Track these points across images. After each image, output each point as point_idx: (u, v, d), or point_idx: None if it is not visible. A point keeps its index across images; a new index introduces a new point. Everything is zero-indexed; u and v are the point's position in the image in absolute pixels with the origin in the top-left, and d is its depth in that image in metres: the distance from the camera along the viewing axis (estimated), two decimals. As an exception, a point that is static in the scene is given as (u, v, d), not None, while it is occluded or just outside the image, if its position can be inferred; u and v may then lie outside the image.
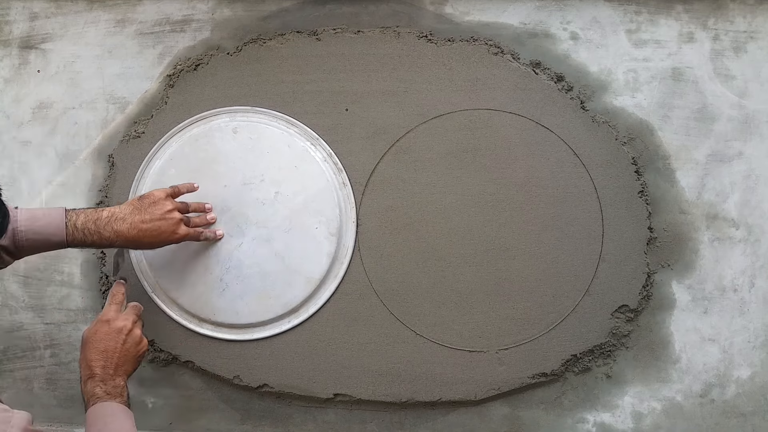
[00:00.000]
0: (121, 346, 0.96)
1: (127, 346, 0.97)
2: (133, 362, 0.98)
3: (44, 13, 1.27)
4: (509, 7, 1.18)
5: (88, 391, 0.93)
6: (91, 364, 0.94)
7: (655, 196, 1.14)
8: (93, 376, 0.93)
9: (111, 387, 0.93)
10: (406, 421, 1.15)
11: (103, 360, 0.94)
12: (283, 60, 1.19)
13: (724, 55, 1.15)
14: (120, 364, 0.95)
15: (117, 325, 0.98)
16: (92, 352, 0.95)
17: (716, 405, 1.12)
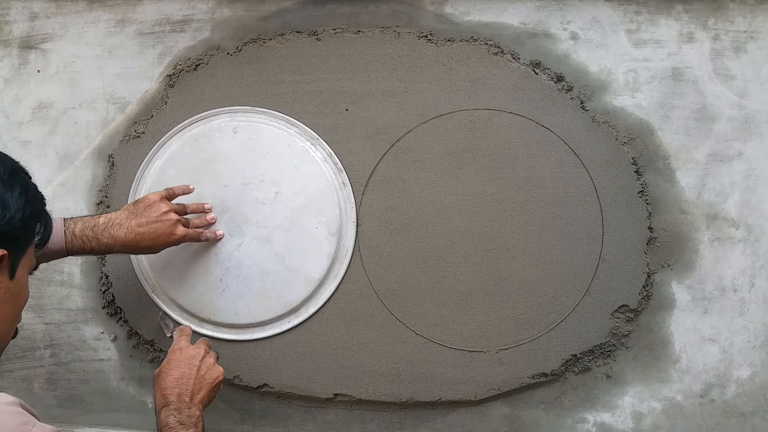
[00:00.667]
0: (196, 372, 0.93)
1: (202, 372, 0.93)
2: (209, 391, 0.94)
3: (44, 13, 1.27)
4: (509, 7, 1.18)
5: (161, 421, 0.88)
6: (165, 392, 0.90)
7: (655, 196, 1.14)
8: (167, 404, 0.89)
9: (185, 416, 0.88)
10: (406, 421, 1.15)
11: (179, 387, 0.91)
12: (283, 60, 1.19)
13: (724, 55, 1.15)
14: (195, 392, 0.91)
15: (190, 352, 0.95)
16: (167, 380, 0.91)
17: (716, 405, 1.12)
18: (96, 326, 1.22)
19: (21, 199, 0.71)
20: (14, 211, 0.69)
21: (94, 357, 1.22)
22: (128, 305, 1.19)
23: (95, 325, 1.22)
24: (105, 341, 1.22)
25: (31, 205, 0.73)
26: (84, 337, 1.22)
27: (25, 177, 0.74)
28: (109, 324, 1.22)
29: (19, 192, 0.71)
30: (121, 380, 1.21)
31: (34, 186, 0.76)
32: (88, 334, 1.22)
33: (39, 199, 0.76)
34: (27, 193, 0.72)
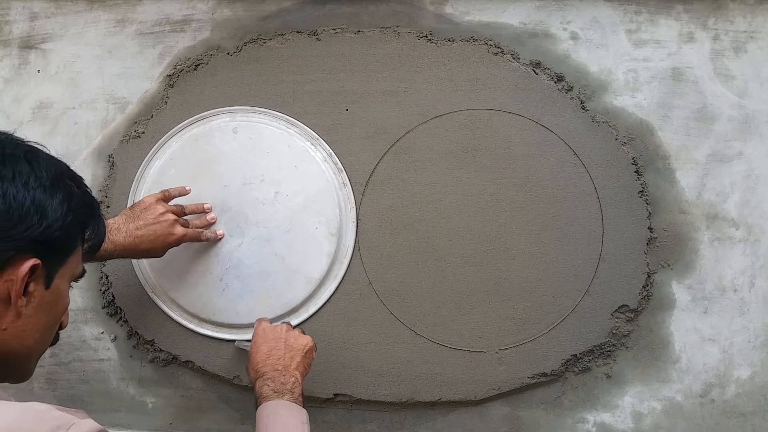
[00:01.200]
0: (284, 343, 0.97)
1: (290, 342, 0.97)
2: (302, 357, 0.97)
3: (44, 13, 1.27)
4: (509, 7, 1.18)
5: (257, 392, 0.92)
6: (257, 367, 0.94)
7: (655, 196, 1.14)
8: (261, 375, 0.93)
9: (279, 384, 0.92)
10: (406, 421, 1.15)
11: (270, 359, 0.95)
12: (283, 60, 1.19)
13: (724, 55, 1.15)
14: (288, 360, 0.95)
15: (274, 328, 0.99)
16: (257, 356, 0.96)
17: (716, 405, 1.12)
18: (96, 326, 1.22)
19: (62, 207, 0.67)
20: (52, 219, 0.66)
21: (94, 357, 1.22)
22: (128, 305, 1.19)
23: (95, 325, 1.22)
24: (105, 341, 1.22)
25: (74, 213, 0.69)
26: (84, 337, 1.22)
27: (70, 183, 0.71)
28: (109, 324, 1.22)
29: (61, 199, 0.67)
30: (121, 380, 1.21)
31: (81, 193, 0.72)
32: (88, 334, 1.22)
33: (86, 206, 0.72)
34: (70, 201, 0.69)
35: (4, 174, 0.64)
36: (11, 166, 0.65)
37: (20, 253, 0.64)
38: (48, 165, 0.69)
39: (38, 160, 0.68)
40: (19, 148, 0.68)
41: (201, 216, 1.14)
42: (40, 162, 0.68)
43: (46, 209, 0.66)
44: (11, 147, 0.67)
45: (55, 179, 0.68)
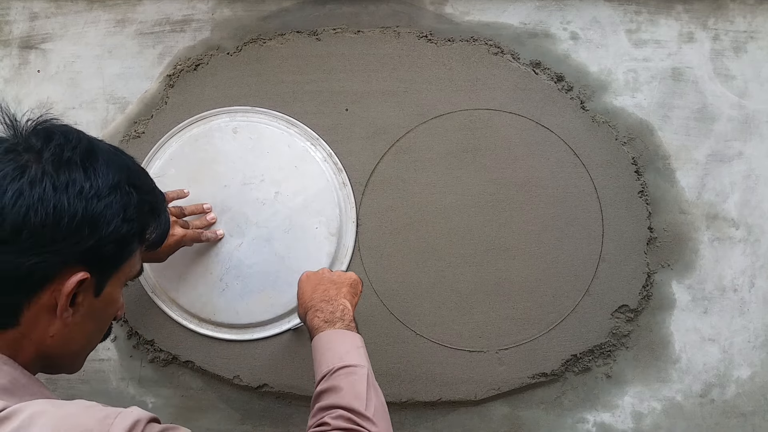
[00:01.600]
0: (328, 279, 0.94)
1: (334, 277, 0.95)
2: (349, 287, 0.94)
3: (44, 13, 1.27)
4: (509, 7, 1.18)
5: (309, 326, 0.89)
6: (305, 302, 0.92)
7: (655, 196, 1.14)
8: (310, 307, 0.90)
9: (328, 314, 0.88)
10: (406, 421, 1.15)
11: (316, 293, 0.92)
12: (283, 60, 1.19)
13: (724, 55, 1.15)
14: (335, 291, 0.92)
15: (315, 273, 0.97)
16: (304, 295, 0.93)
17: (716, 405, 1.12)
18: (96, 326, 1.22)
19: (117, 217, 0.64)
20: (105, 232, 0.63)
21: (94, 357, 1.22)
22: (128, 305, 1.19)
23: (95, 325, 1.22)
24: (105, 341, 1.22)
25: (131, 222, 0.66)
26: (84, 337, 1.22)
27: (130, 190, 0.66)
28: (109, 324, 1.22)
29: (116, 210, 0.64)
30: (121, 380, 1.21)
31: (140, 198, 0.68)
32: (88, 334, 1.22)
33: (147, 210, 0.69)
34: (126, 210, 0.65)
35: (58, 183, 0.61)
36: (66, 173, 0.62)
37: (68, 265, 0.62)
38: (106, 170, 0.65)
39: (96, 165, 0.64)
40: (76, 151, 0.64)
41: (201, 216, 1.14)
42: (97, 167, 0.64)
43: (98, 222, 0.63)
44: (69, 149, 0.63)
45: (113, 187, 0.65)
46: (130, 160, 0.71)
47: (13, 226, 0.59)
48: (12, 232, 0.59)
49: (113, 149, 0.69)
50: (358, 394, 0.75)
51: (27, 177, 0.61)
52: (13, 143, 0.63)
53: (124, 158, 0.69)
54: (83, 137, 0.66)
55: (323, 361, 0.82)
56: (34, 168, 0.61)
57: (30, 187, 0.60)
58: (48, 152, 0.63)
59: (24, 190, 0.60)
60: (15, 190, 0.60)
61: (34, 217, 0.59)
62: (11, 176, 0.60)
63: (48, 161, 0.62)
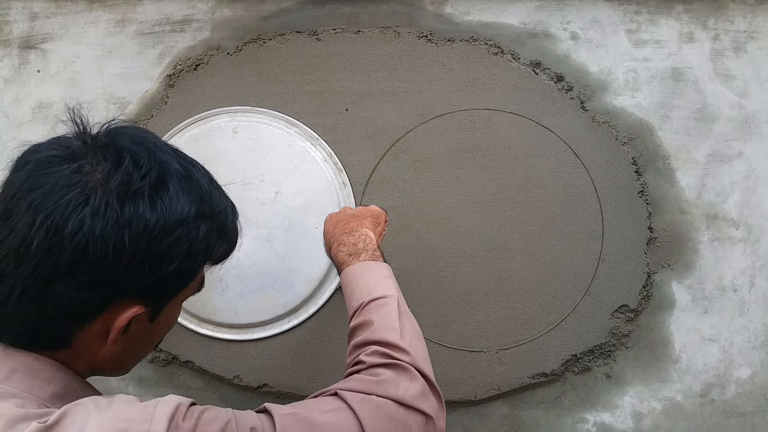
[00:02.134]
0: (351, 211, 0.94)
1: (356, 211, 0.94)
2: (373, 218, 0.92)
3: (44, 13, 1.27)
4: (509, 7, 1.18)
5: (335, 260, 0.88)
6: (329, 239, 0.90)
7: (655, 196, 1.14)
8: (333, 242, 0.88)
9: (351, 246, 0.86)
10: (406, 421, 1.15)
11: (338, 228, 0.90)
12: (283, 60, 1.19)
13: (724, 55, 1.15)
14: (356, 224, 0.90)
15: (338, 212, 0.96)
16: (327, 233, 0.92)
17: (716, 405, 1.12)
18: (96, 326, 1.22)
19: (182, 255, 0.61)
20: (167, 270, 0.61)
21: (94, 357, 1.22)
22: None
23: (95, 325, 1.22)
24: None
25: (194, 258, 0.63)
26: (84, 337, 1.22)
27: (199, 222, 0.62)
28: (109, 324, 1.22)
29: (183, 246, 0.61)
30: (121, 380, 1.21)
31: (209, 228, 0.64)
32: (88, 334, 1.22)
33: (214, 237, 0.65)
34: (192, 245, 0.62)
35: (122, 219, 0.57)
36: (131, 207, 0.58)
37: (124, 298, 0.60)
38: (175, 202, 0.61)
39: (165, 197, 0.60)
40: (146, 181, 0.59)
41: None
42: (166, 199, 0.60)
43: (161, 261, 0.60)
44: (138, 179, 0.59)
45: (180, 222, 0.61)
46: (204, 178, 0.66)
47: (71, 259, 0.56)
48: (69, 264, 0.56)
49: (185, 171, 0.64)
50: (391, 325, 0.73)
51: (90, 207, 0.56)
52: (81, 162, 0.59)
53: (196, 181, 0.65)
54: (155, 161, 0.61)
55: (353, 296, 0.80)
56: (99, 196, 0.57)
57: (92, 218, 0.56)
58: (115, 181, 0.58)
59: (85, 222, 0.56)
60: (77, 221, 0.56)
61: (93, 252, 0.56)
62: (75, 203, 0.56)
63: (113, 192, 0.57)
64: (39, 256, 0.56)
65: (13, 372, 0.59)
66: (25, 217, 0.57)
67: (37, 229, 0.56)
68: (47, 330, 0.60)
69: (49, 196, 0.57)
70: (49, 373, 0.61)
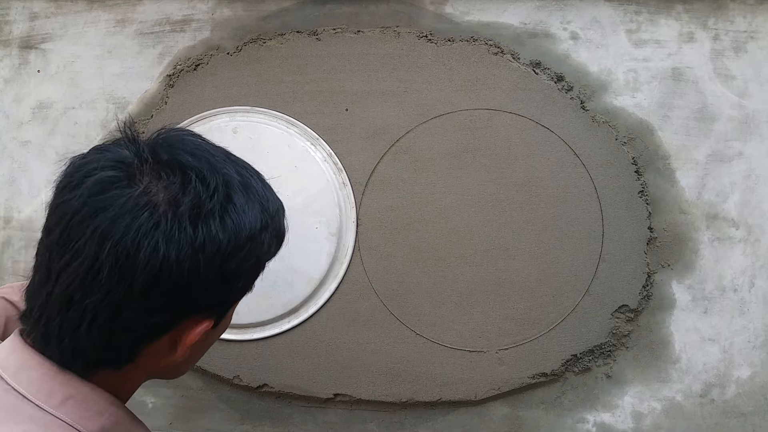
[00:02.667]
0: None
1: None
2: None
3: (44, 13, 1.27)
4: (509, 7, 1.18)
5: None
6: None
7: (655, 196, 1.14)
8: None
9: None
10: (406, 421, 1.15)
11: None
12: (283, 60, 1.19)
13: (724, 55, 1.15)
14: None
15: None
16: None
17: (716, 405, 1.12)
18: (96, 326, 1.22)
19: (251, 269, 0.62)
20: (236, 287, 0.63)
21: (94, 357, 1.22)
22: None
23: (95, 325, 1.22)
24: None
25: (259, 267, 0.64)
26: (84, 337, 1.22)
27: (265, 235, 0.62)
28: (109, 324, 1.22)
29: (252, 261, 0.62)
30: (121, 380, 1.21)
31: (271, 236, 0.64)
32: (88, 334, 1.22)
33: (275, 247, 0.66)
34: (259, 257, 0.63)
35: (196, 242, 0.56)
36: (204, 229, 0.56)
37: (194, 315, 0.60)
38: (244, 217, 0.59)
39: (234, 213, 0.59)
40: (216, 199, 0.58)
41: None
42: (235, 217, 0.59)
43: (232, 280, 0.60)
44: (208, 199, 0.57)
45: (250, 238, 0.60)
46: (258, 182, 0.64)
47: (144, 285, 0.55)
48: (142, 290, 0.55)
49: (244, 180, 0.62)
50: None
51: (162, 232, 0.55)
52: (146, 184, 0.56)
53: (254, 189, 0.63)
54: (220, 176, 0.59)
55: None
56: (170, 219, 0.55)
57: (166, 243, 0.55)
58: (186, 204, 0.56)
59: (159, 248, 0.54)
60: (149, 247, 0.54)
61: (167, 277, 0.55)
62: (145, 229, 0.54)
63: (185, 215, 0.56)
64: (110, 283, 0.55)
65: (68, 398, 0.59)
66: (90, 243, 0.54)
67: (106, 256, 0.54)
68: (114, 351, 0.60)
69: (116, 221, 0.54)
70: (102, 406, 0.60)
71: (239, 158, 0.66)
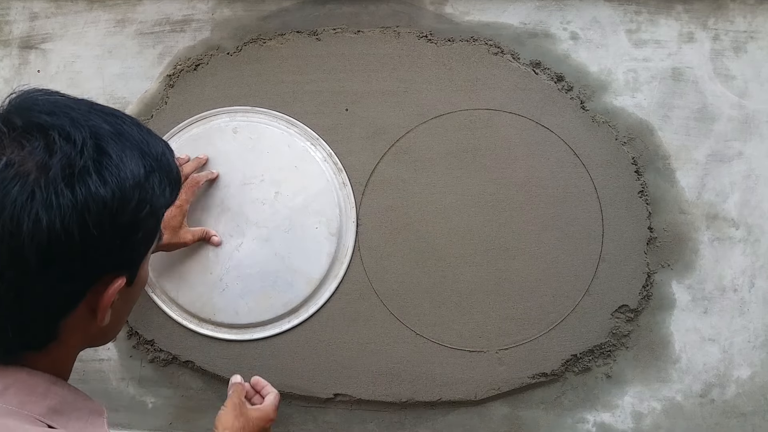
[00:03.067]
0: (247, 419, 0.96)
1: None
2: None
3: (44, 13, 1.27)
4: (509, 7, 1.18)
5: None
6: None
7: (655, 196, 1.14)
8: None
9: None
10: (406, 421, 1.15)
11: None
12: (283, 60, 1.19)
13: (724, 55, 1.15)
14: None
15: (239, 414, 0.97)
16: None
17: (716, 405, 1.12)
18: (96, 326, 1.22)
19: (147, 218, 0.59)
20: (136, 238, 0.59)
21: (94, 357, 1.22)
22: (128, 305, 1.19)
23: (95, 325, 1.22)
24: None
25: (156, 215, 0.61)
26: (84, 337, 1.22)
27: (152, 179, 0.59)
28: (109, 324, 1.22)
29: (146, 210, 0.58)
30: (121, 380, 1.21)
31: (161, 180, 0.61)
32: (88, 334, 1.22)
33: (167, 189, 0.62)
34: (152, 204, 0.60)
35: (77, 203, 0.53)
36: (83, 187, 0.54)
37: (102, 276, 0.59)
38: (123, 168, 0.56)
39: (111, 165, 0.56)
40: (86, 155, 0.54)
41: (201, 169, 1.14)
42: (112, 168, 0.56)
43: (128, 232, 0.58)
44: (77, 156, 0.54)
45: (135, 186, 0.57)
46: (133, 127, 0.61)
47: (39, 260, 0.53)
48: (39, 265, 0.53)
49: (115, 128, 0.59)
50: None
51: (39, 201, 0.52)
52: (7, 155, 0.53)
53: (128, 134, 0.59)
54: (85, 129, 0.56)
55: None
56: (44, 187, 0.52)
57: (47, 212, 0.52)
58: (55, 166, 0.53)
59: (42, 218, 0.52)
60: (32, 220, 0.52)
61: (59, 247, 0.53)
62: (21, 201, 0.51)
63: (58, 178, 0.53)
64: (2, 265, 0.53)
65: (6, 388, 0.58)
66: None
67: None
68: (32, 332, 0.59)
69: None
70: (43, 388, 0.60)
71: (107, 107, 0.63)
